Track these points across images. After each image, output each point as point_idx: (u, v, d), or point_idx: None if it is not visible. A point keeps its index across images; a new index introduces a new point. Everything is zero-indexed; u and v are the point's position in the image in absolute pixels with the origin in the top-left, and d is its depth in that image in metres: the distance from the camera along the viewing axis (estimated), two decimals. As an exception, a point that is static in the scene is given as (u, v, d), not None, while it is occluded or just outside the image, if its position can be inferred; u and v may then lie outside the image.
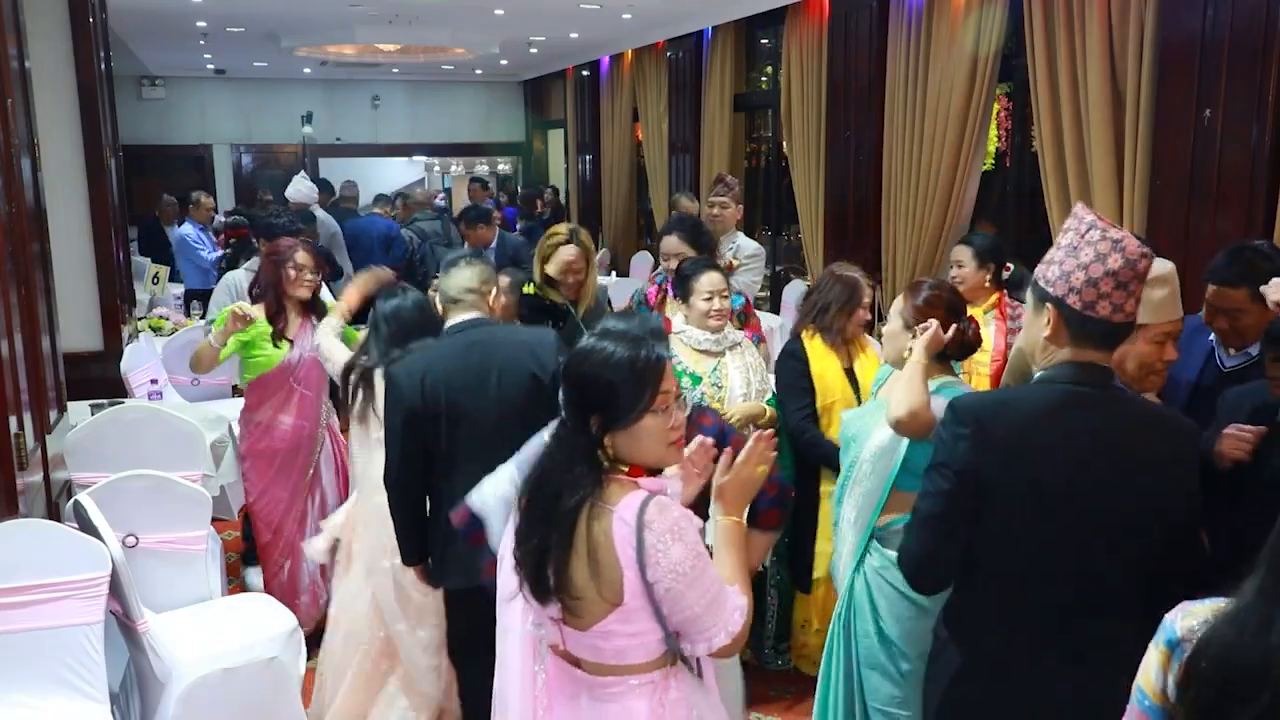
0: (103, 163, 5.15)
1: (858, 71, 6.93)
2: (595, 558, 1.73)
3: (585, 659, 1.82)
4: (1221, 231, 4.37)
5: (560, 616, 1.79)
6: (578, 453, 1.78)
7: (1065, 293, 1.81)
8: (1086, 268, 1.79)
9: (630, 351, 1.79)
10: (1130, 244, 1.79)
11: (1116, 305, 1.79)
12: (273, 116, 14.43)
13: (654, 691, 1.80)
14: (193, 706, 2.97)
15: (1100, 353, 1.84)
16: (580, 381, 1.79)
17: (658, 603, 1.73)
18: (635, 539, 1.71)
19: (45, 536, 2.75)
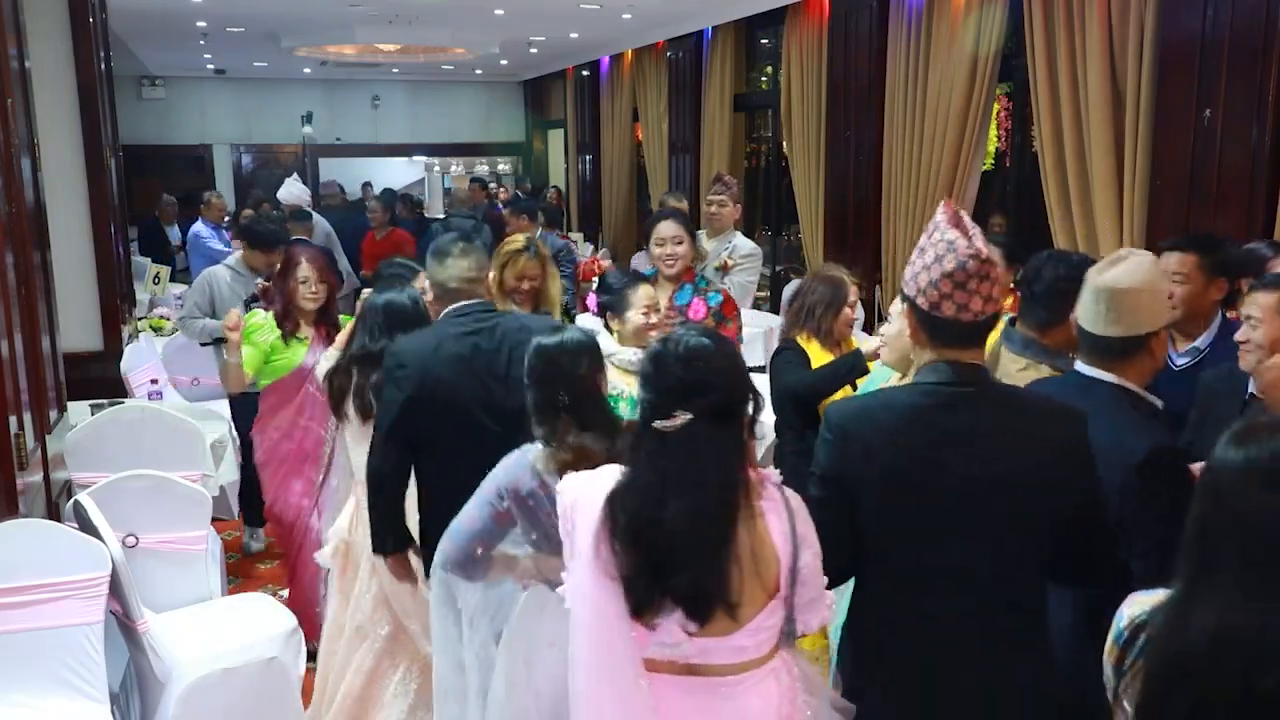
0: (103, 163, 5.15)
1: (858, 71, 6.93)
2: (756, 555, 1.72)
3: (718, 663, 1.76)
4: (1221, 231, 4.37)
5: (696, 630, 1.71)
6: (730, 453, 1.74)
7: (915, 293, 1.85)
8: (929, 268, 1.81)
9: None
10: (961, 244, 1.78)
11: (960, 305, 1.79)
12: (273, 116, 14.43)
13: (781, 672, 1.82)
14: (193, 706, 2.97)
15: (964, 351, 1.84)
16: (733, 380, 1.76)
17: (797, 587, 1.75)
18: (789, 525, 1.74)
19: (45, 536, 2.75)
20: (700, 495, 1.70)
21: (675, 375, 1.74)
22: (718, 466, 1.72)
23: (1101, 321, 2.09)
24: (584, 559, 1.74)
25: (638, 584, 1.70)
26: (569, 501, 1.82)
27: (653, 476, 1.72)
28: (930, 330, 1.85)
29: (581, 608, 1.75)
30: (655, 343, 1.83)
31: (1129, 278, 2.08)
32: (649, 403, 1.76)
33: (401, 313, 3.17)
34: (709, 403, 1.72)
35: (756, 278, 5.50)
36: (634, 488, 1.74)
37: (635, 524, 1.71)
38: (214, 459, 4.31)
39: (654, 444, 1.73)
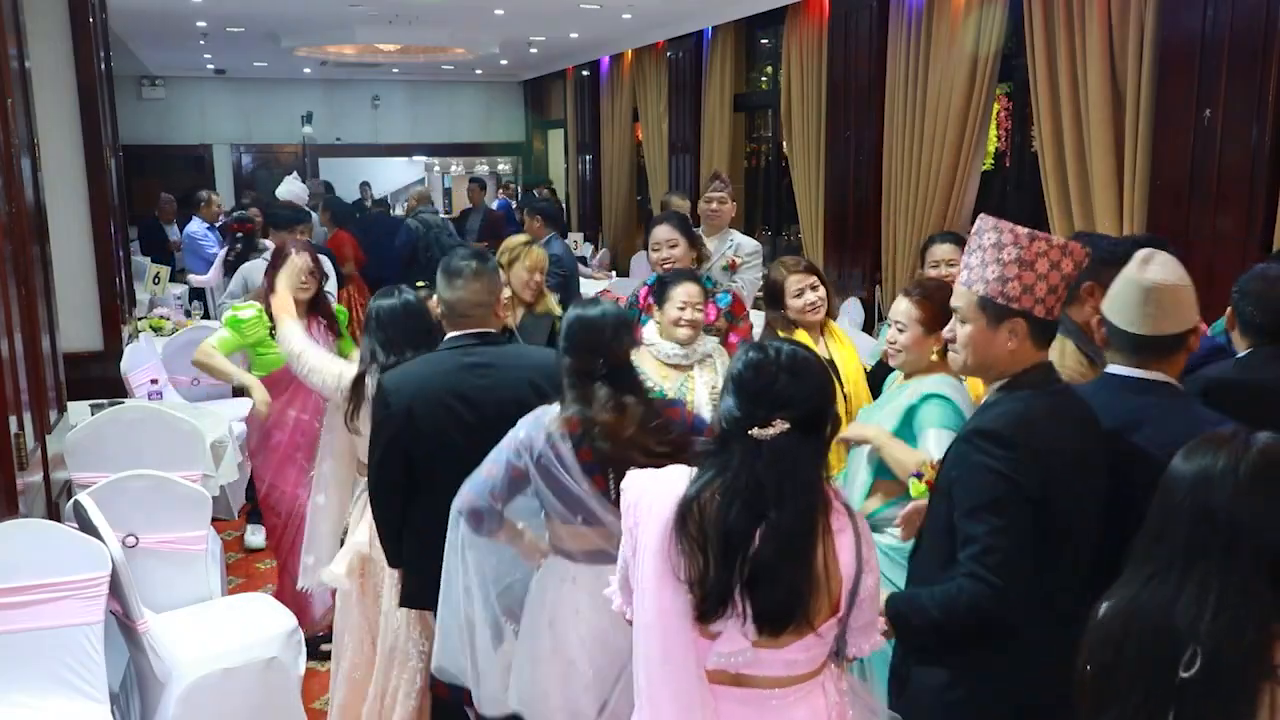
0: (103, 163, 5.15)
1: (858, 71, 6.93)
2: (826, 571, 1.72)
3: (770, 675, 1.76)
4: (1221, 231, 4.38)
5: (757, 639, 1.72)
6: (817, 465, 1.75)
7: (1032, 305, 1.93)
8: (1045, 277, 1.91)
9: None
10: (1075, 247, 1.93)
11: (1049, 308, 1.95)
12: (273, 116, 14.43)
13: (828, 685, 1.83)
14: (193, 706, 2.97)
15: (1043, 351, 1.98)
16: (826, 391, 1.77)
17: (853, 608, 1.76)
18: (855, 547, 1.75)
19: (45, 536, 2.75)
20: (794, 507, 1.69)
21: (777, 383, 1.72)
22: (808, 479, 1.72)
23: (1150, 321, 2.05)
24: (651, 560, 1.73)
25: (713, 591, 1.68)
26: (633, 498, 1.81)
27: (743, 484, 1.70)
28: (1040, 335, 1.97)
29: (644, 609, 1.75)
30: (749, 350, 1.80)
31: (1171, 274, 2.06)
32: (742, 409, 1.74)
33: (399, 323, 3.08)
34: (804, 412, 1.72)
35: (759, 275, 5.47)
36: (720, 495, 1.71)
37: (725, 532, 1.69)
38: (214, 459, 4.31)
39: (746, 452, 1.71)
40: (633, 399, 2.29)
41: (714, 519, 1.69)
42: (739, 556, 1.68)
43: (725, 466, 1.72)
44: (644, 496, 1.79)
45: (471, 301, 2.73)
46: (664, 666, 1.73)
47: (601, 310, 2.36)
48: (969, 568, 1.85)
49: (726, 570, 1.68)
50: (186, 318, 7.08)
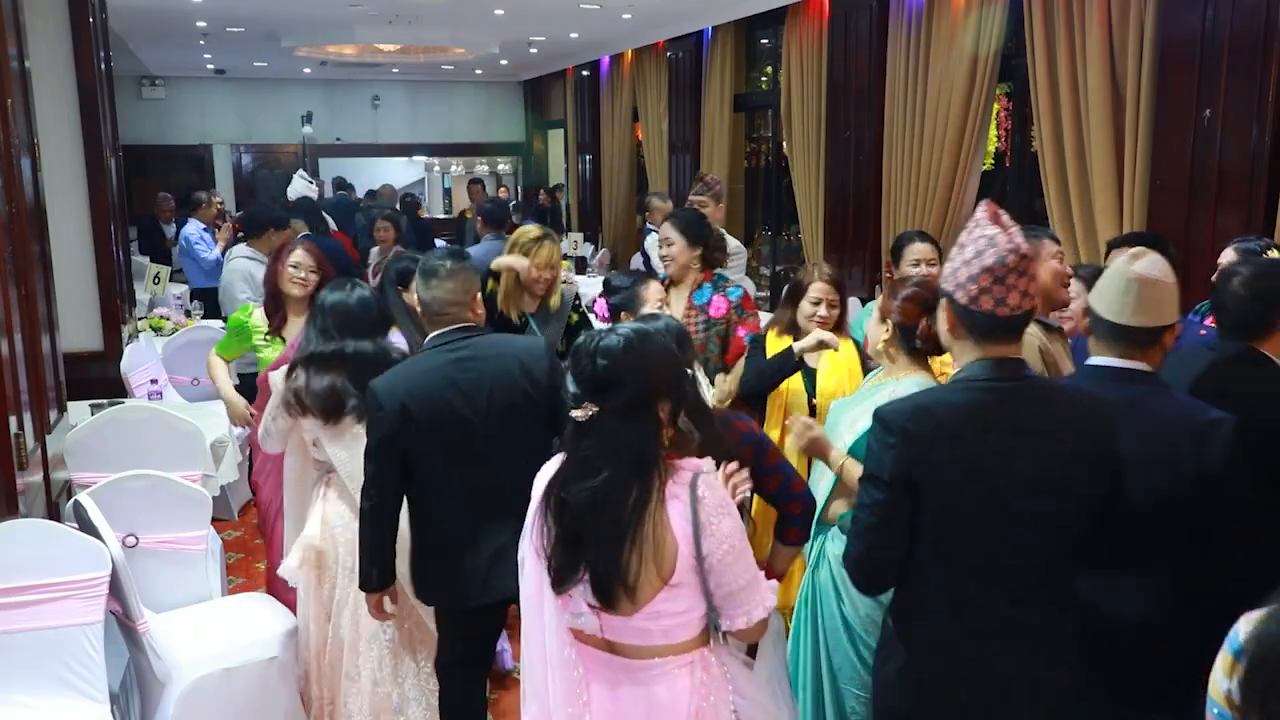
0: (103, 163, 5.16)
1: (858, 71, 6.93)
2: (654, 537, 1.78)
3: (628, 643, 1.85)
4: (1221, 231, 4.37)
5: (599, 605, 1.81)
6: (646, 440, 1.81)
7: (954, 288, 1.92)
8: (969, 263, 1.89)
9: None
10: (1001, 239, 1.87)
11: (998, 299, 1.86)
12: (273, 116, 14.43)
13: (697, 667, 1.87)
14: (193, 706, 2.97)
15: (1003, 346, 1.91)
16: (645, 377, 1.81)
17: (705, 576, 1.80)
18: (690, 513, 1.79)
19: (45, 536, 2.75)
20: (602, 480, 1.78)
21: (586, 371, 1.82)
22: (621, 455, 1.79)
23: (1128, 311, 2.13)
24: (527, 537, 1.91)
25: (555, 557, 1.83)
26: (536, 482, 1.95)
27: (570, 460, 1.85)
28: (969, 325, 1.92)
29: (525, 579, 1.93)
30: (583, 336, 1.91)
31: (1155, 270, 2.13)
32: (570, 393, 1.85)
33: (346, 314, 3.11)
34: (616, 398, 1.80)
35: (741, 275, 5.50)
36: (559, 470, 1.87)
37: (553, 502, 1.84)
38: (214, 459, 4.31)
39: (573, 431, 1.84)
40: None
41: (551, 493, 1.85)
42: (564, 527, 1.81)
43: (563, 444, 1.89)
44: (539, 479, 1.94)
45: (446, 300, 2.75)
46: (537, 631, 1.90)
47: (660, 324, 2.35)
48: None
49: (559, 539, 1.82)
50: (186, 318, 7.07)
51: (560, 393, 2.58)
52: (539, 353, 2.78)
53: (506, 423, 2.68)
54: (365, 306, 3.15)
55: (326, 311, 3.14)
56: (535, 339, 2.83)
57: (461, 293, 2.77)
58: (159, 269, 7.90)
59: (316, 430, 3.12)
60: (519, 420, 2.68)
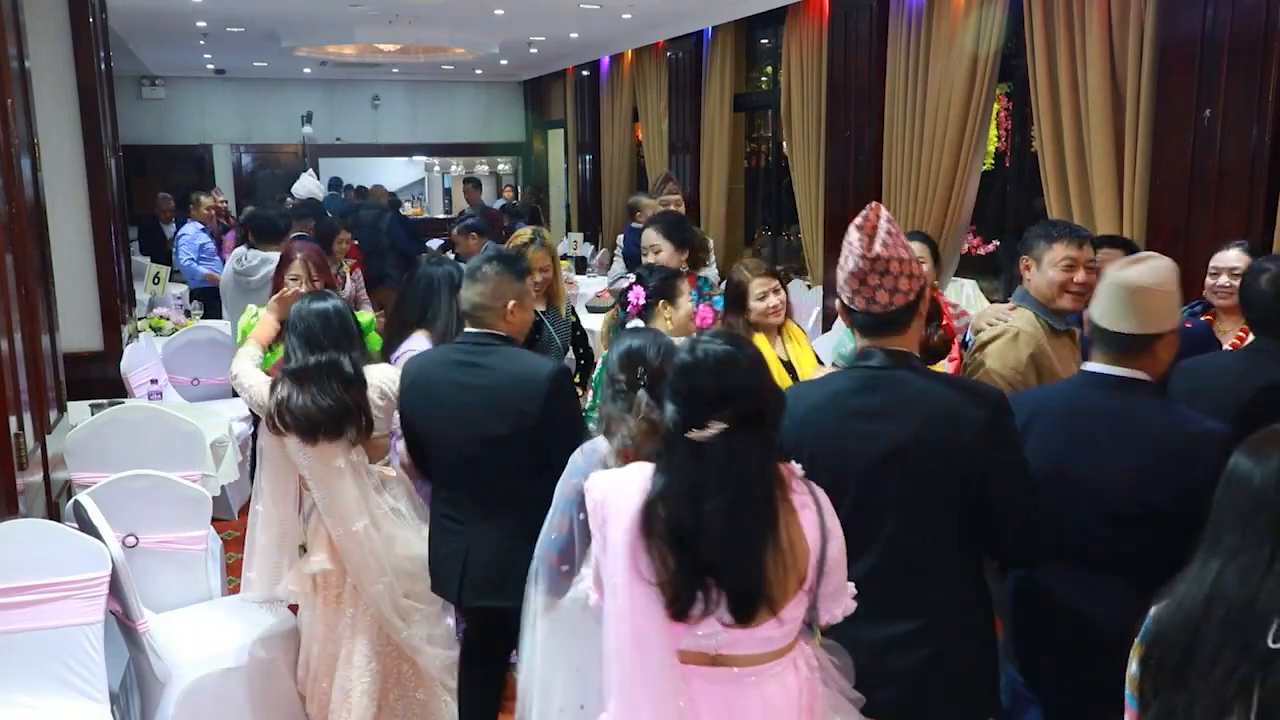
0: (103, 163, 5.16)
1: (858, 71, 6.93)
2: (791, 546, 1.77)
3: (744, 653, 1.81)
4: (1221, 231, 4.37)
5: (737, 622, 1.76)
6: (769, 449, 1.80)
7: (839, 289, 2.09)
8: (841, 268, 2.05)
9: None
10: (857, 246, 2.00)
11: (867, 298, 2.02)
12: (273, 116, 14.43)
13: (800, 662, 1.87)
14: (193, 706, 2.97)
15: (888, 338, 2.04)
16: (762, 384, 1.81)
17: (821, 578, 1.82)
18: (818, 519, 1.81)
19: (45, 536, 2.75)
20: (738, 498, 1.74)
21: (707, 385, 1.76)
22: (754, 470, 1.76)
23: (1117, 317, 2.16)
24: (618, 559, 1.78)
25: (679, 586, 1.73)
26: (599, 498, 1.86)
27: (690, 484, 1.75)
28: (851, 320, 2.10)
29: (616, 604, 1.79)
30: (681, 354, 1.84)
31: (1147, 277, 2.14)
32: (680, 413, 1.77)
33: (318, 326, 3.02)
34: (741, 410, 1.75)
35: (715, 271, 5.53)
36: (671, 495, 1.76)
37: (676, 530, 1.74)
38: (214, 459, 4.31)
39: (688, 453, 1.76)
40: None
41: (666, 519, 1.75)
42: (693, 554, 1.73)
43: (671, 468, 1.78)
44: (609, 495, 1.84)
45: (475, 302, 2.79)
46: (637, 657, 1.78)
47: (649, 338, 2.42)
48: None
49: (685, 568, 1.73)
50: (186, 318, 7.07)
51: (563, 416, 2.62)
52: (540, 376, 2.70)
53: (484, 437, 2.69)
54: (340, 317, 3.05)
55: (293, 326, 3.06)
56: (543, 362, 2.79)
57: (491, 297, 2.77)
58: (159, 269, 7.90)
59: (296, 455, 3.02)
60: (497, 438, 2.68)
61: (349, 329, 3.07)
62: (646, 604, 1.76)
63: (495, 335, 2.79)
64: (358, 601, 3.06)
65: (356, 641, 3.06)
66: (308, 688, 3.17)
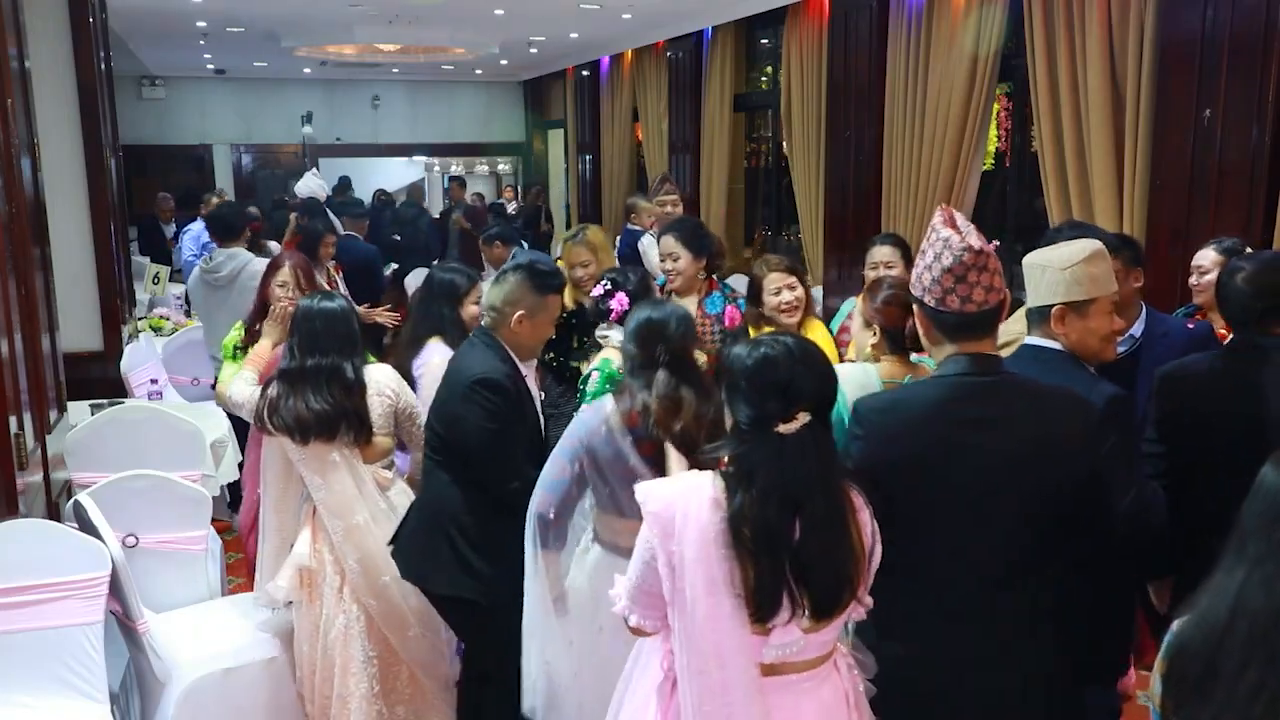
0: (103, 163, 5.15)
1: (858, 71, 6.93)
2: (858, 549, 1.76)
3: (803, 658, 1.80)
4: (1221, 231, 4.36)
5: (816, 625, 1.75)
6: (831, 451, 1.79)
7: (921, 293, 1.97)
8: (930, 267, 1.94)
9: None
10: (955, 240, 1.90)
11: (964, 297, 1.91)
12: (273, 116, 14.42)
13: (840, 660, 1.87)
14: (193, 706, 2.97)
15: (977, 342, 1.94)
16: (829, 382, 1.80)
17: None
18: (872, 523, 1.79)
19: (45, 536, 2.75)
20: (826, 496, 1.73)
21: (792, 376, 1.74)
22: (832, 465, 1.77)
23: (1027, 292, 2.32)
24: (695, 569, 1.71)
25: (766, 592, 1.69)
26: (658, 509, 1.76)
27: (776, 483, 1.71)
28: (940, 325, 1.95)
29: (694, 621, 1.72)
30: (753, 348, 1.80)
31: (1043, 255, 2.29)
32: (760, 407, 1.73)
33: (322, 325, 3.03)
34: (822, 399, 1.76)
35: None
36: (756, 497, 1.71)
37: (769, 531, 1.70)
38: (214, 459, 4.31)
39: (771, 449, 1.72)
40: (690, 392, 2.36)
41: (755, 521, 1.70)
42: (784, 553, 1.70)
43: (754, 467, 1.72)
44: (674, 506, 1.75)
45: (486, 303, 2.87)
46: (718, 673, 1.72)
47: (668, 310, 2.47)
48: None
49: (776, 569, 1.69)
50: (186, 318, 7.07)
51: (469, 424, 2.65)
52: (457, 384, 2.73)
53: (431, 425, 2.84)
54: (342, 319, 3.05)
55: (297, 326, 3.07)
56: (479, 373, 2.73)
57: (500, 300, 2.79)
58: (159, 269, 7.90)
59: (291, 453, 3.04)
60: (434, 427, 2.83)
61: (353, 333, 3.07)
62: (728, 619, 1.70)
63: (490, 337, 2.82)
64: (349, 608, 3.04)
65: (351, 648, 3.03)
66: (305, 688, 3.17)
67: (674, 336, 2.39)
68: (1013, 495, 1.88)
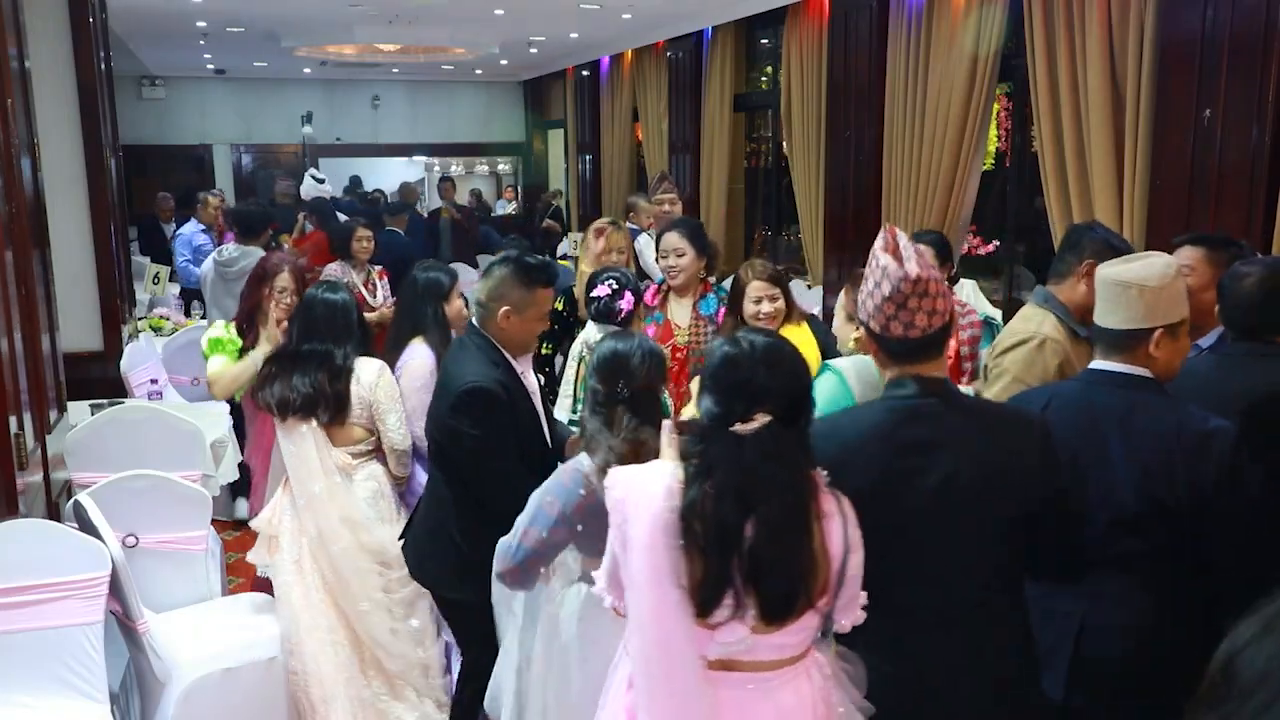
0: (103, 163, 5.15)
1: (858, 71, 6.93)
2: (821, 551, 1.74)
3: (758, 659, 1.78)
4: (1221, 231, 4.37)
5: (765, 627, 1.74)
6: (802, 453, 1.76)
7: (866, 318, 1.96)
8: (871, 294, 1.93)
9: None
10: (892, 269, 1.88)
11: (906, 323, 1.89)
12: (273, 116, 14.43)
13: (813, 669, 1.84)
14: (193, 706, 2.97)
15: (923, 365, 1.92)
16: (802, 379, 1.79)
17: (842, 587, 1.78)
18: (844, 530, 1.76)
19: (45, 536, 2.75)
20: (782, 499, 1.71)
21: (752, 376, 1.73)
22: (793, 469, 1.74)
23: (1103, 312, 2.16)
24: (643, 556, 1.72)
25: (711, 587, 1.70)
26: (620, 496, 1.79)
27: (731, 481, 1.71)
28: (885, 350, 1.95)
29: (640, 610, 1.74)
30: (723, 345, 1.80)
31: (1133, 273, 2.13)
32: (722, 405, 1.74)
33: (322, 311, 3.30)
34: (785, 403, 1.73)
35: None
36: (713, 495, 1.71)
37: (720, 531, 1.70)
38: (214, 459, 4.31)
39: (730, 447, 1.72)
40: (651, 433, 2.19)
41: (708, 517, 1.70)
42: (734, 552, 1.70)
43: (712, 464, 1.73)
44: (631, 493, 1.78)
45: (474, 298, 2.85)
46: (663, 661, 1.74)
47: (634, 344, 2.33)
48: None
49: (724, 566, 1.69)
50: (186, 317, 7.07)
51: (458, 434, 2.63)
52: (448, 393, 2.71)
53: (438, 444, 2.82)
54: (332, 309, 3.30)
55: (300, 311, 3.39)
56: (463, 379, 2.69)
57: (486, 295, 2.77)
58: (159, 269, 7.89)
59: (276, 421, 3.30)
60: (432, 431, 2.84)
61: (350, 324, 3.31)
62: (673, 609, 1.71)
63: (481, 335, 2.79)
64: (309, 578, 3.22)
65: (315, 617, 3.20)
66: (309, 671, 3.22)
67: (637, 372, 2.26)
68: (968, 516, 1.86)
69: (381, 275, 5.82)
